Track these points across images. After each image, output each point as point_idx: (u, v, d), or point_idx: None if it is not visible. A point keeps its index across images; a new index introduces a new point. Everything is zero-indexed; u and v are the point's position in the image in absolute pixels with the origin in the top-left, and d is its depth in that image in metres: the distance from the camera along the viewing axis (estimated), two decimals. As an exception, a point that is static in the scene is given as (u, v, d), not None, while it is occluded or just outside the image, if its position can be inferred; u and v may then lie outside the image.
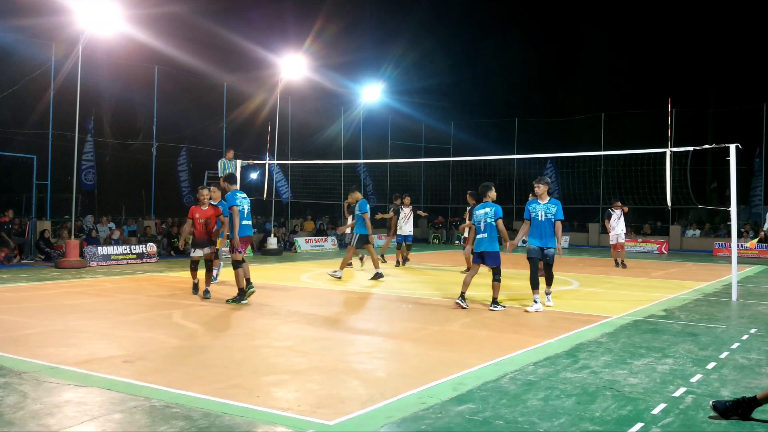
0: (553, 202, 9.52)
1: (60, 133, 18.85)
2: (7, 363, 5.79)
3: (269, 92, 24.43)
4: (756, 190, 27.65)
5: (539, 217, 9.38)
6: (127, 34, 17.99)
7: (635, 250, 25.01)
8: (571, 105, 33.92)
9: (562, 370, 5.89)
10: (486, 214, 9.21)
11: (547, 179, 9.96)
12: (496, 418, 4.52)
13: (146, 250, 17.03)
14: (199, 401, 4.76)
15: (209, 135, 25.05)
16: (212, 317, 8.47)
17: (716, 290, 12.39)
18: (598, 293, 11.91)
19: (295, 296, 10.87)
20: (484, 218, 9.21)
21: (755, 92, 28.98)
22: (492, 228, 9.17)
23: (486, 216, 9.20)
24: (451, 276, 14.48)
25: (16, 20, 19.02)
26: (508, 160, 26.63)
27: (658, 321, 8.69)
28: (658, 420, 4.54)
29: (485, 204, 9.35)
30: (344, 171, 27.57)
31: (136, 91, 23.85)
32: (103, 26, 15.86)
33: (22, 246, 16.41)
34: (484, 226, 9.21)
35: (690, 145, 12.27)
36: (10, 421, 4.31)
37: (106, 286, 11.80)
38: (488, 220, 9.17)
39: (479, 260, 9.34)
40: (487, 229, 9.18)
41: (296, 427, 4.29)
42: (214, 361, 6.05)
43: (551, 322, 8.43)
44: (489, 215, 9.20)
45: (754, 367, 6.14)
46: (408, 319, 8.73)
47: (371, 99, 28.47)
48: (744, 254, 21.92)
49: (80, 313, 8.62)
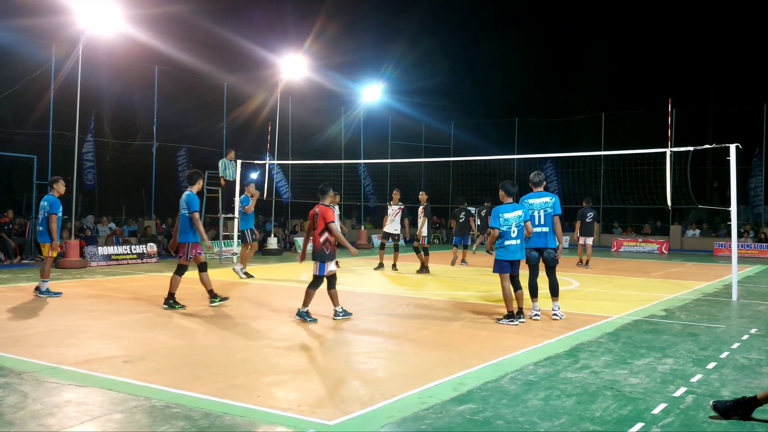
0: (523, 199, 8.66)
1: (60, 133, 18.85)
2: (8, 363, 5.79)
3: (269, 92, 24.44)
4: (756, 190, 27.66)
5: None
6: (128, 34, 17.99)
7: (635, 250, 25.01)
8: (571, 105, 33.91)
9: (562, 370, 5.89)
10: (519, 217, 8.18)
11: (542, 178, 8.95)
12: (497, 418, 4.52)
13: (146, 250, 17.03)
14: (199, 401, 4.76)
15: (209, 135, 25.07)
16: (212, 317, 8.47)
17: (716, 290, 12.39)
18: (599, 293, 11.91)
19: (295, 296, 10.85)
20: (516, 220, 8.15)
21: (755, 92, 29.01)
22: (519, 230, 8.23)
23: (518, 219, 8.16)
24: (451, 276, 14.48)
25: (17, 20, 19.03)
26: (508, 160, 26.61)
27: (659, 321, 8.69)
28: (658, 420, 4.54)
29: (514, 206, 8.30)
30: (344, 171, 27.57)
31: (136, 91, 23.88)
32: (103, 26, 15.86)
33: (22, 246, 16.41)
34: (516, 230, 8.16)
35: (690, 145, 12.27)
36: (10, 421, 4.30)
37: (107, 286, 11.79)
38: (520, 222, 8.15)
39: (509, 268, 8.26)
40: (520, 234, 8.19)
41: (296, 427, 4.29)
42: (214, 361, 6.05)
43: (551, 322, 8.42)
44: (528, 215, 8.31)
45: (754, 367, 6.14)
46: (408, 319, 8.73)
47: (371, 99, 28.47)
48: (744, 254, 21.93)
49: (80, 313, 8.62)
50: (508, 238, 8.17)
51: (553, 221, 8.54)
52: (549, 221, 8.53)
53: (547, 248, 8.54)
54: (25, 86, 19.01)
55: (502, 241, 8.20)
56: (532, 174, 8.91)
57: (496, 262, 8.27)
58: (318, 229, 8.10)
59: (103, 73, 21.52)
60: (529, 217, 8.36)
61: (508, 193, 8.37)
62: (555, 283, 8.69)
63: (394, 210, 15.01)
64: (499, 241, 8.24)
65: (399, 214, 15.00)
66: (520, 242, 8.22)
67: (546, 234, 8.54)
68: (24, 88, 19.05)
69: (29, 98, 19.74)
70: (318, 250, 8.16)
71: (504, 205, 8.34)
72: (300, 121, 26.98)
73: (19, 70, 18.93)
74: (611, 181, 27.58)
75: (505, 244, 8.18)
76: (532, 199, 8.68)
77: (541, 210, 8.56)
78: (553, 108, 36.10)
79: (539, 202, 8.60)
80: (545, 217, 8.54)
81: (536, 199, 8.64)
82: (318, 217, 8.12)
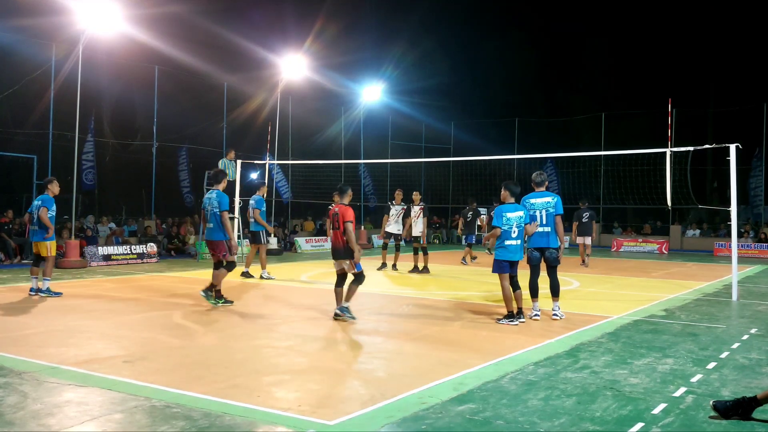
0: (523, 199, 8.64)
1: (60, 133, 18.85)
2: (8, 363, 5.79)
3: (269, 92, 24.44)
4: (756, 190, 27.67)
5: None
6: (127, 34, 17.98)
7: (635, 250, 25.01)
8: (571, 105, 33.92)
9: (562, 370, 5.89)
10: (521, 218, 8.22)
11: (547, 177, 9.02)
12: (497, 418, 4.52)
13: (146, 250, 17.03)
14: (199, 401, 4.76)
15: (209, 135, 25.06)
16: (212, 317, 8.47)
17: (716, 290, 12.40)
18: (599, 293, 11.91)
19: (295, 296, 10.87)
20: (517, 221, 8.19)
21: (755, 92, 29.01)
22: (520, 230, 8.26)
23: (520, 220, 8.19)
24: (451, 276, 14.49)
25: (16, 20, 19.02)
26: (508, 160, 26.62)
27: (659, 321, 8.69)
28: (658, 420, 4.54)
29: (516, 206, 8.34)
30: (344, 171, 27.58)
31: (136, 91, 23.87)
32: (103, 26, 15.86)
33: (22, 246, 16.41)
34: (517, 230, 8.17)
35: (690, 145, 12.28)
36: (10, 421, 4.30)
37: (106, 286, 11.80)
38: (521, 223, 8.18)
39: (508, 268, 8.26)
40: (520, 234, 8.18)
41: (296, 427, 4.29)
42: (214, 361, 6.05)
43: (551, 322, 8.42)
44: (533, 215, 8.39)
45: (754, 367, 6.14)
46: (408, 319, 8.73)
47: (371, 99, 28.47)
48: (744, 254, 21.93)
49: (80, 313, 8.62)
50: (508, 238, 8.15)
51: (555, 221, 8.51)
52: (551, 221, 8.52)
53: (549, 248, 8.51)
54: (25, 86, 19.00)
55: (502, 240, 8.18)
56: (534, 174, 8.89)
57: (496, 262, 8.26)
58: (341, 228, 8.21)
59: (103, 73, 21.52)
60: (529, 219, 8.34)
61: (511, 193, 8.36)
62: (556, 283, 8.68)
63: (397, 210, 14.91)
64: (499, 241, 8.23)
65: (401, 215, 14.91)
66: (520, 243, 8.21)
67: (548, 234, 8.52)
68: (24, 88, 19.04)
69: (29, 98, 19.73)
70: (346, 248, 8.23)
71: (506, 204, 8.33)
72: (300, 121, 26.98)
73: (19, 70, 18.92)
74: (611, 181, 27.59)
75: (506, 244, 8.17)
76: (534, 198, 8.66)
77: (543, 210, 8.53)
78: (553, 108, 36.11)
79: (541, 202, 8.58)
80: (547, 217, 8.52)
81: (538, 199, 8.62)
82: (339, 217, 8.25)
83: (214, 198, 9.47)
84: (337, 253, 8.34)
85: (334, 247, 8.35)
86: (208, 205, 9.57)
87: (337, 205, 8.41)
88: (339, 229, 8.23)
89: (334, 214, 8.34)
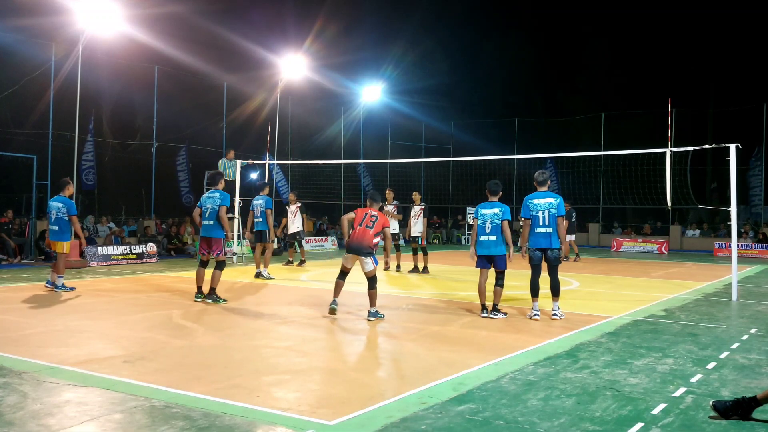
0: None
1: (60, 133, 18.84)
2: (7, 363, 5.79)
3: (269, 92, 24.45)
4: (756, 190, 27.67)
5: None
6: (127, 34, 17.99)
7: (635, 250, 25.01)
8: (571, 105, 33.94)
9: (562, 370, 5.89)
10: (495, 215, 8.53)
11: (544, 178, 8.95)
12: (496, 418, 4.52)
13: (146, 250, 17.02)
14: (199, 401, 4.76)
15: (209, 135, 25.07)
16: (212, 317, 8.47)
17: (716, 290, 12.39)
18: (598, 293, 11.91)
19: (295, 296, 10.86)
20: (492, 218, 8.51)
21: (755, 92, 29.02)
22: (498, 229, 8.52)
23: (494, 216, 8.51)
24: (451, 276, 14.48)
25: (16, 20, 19.02)
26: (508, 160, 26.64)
27: (659, 321, 8.69)
28: (658, 420, 4.54)
29: (493, 204, 8.63)
30: (344, 171, 27.58)
31: (136, 91, 23.86)
32: (103, 26, 15.87)
33: (22, 246, 16.41)
34: (490, 226, 8.51)
35: (690, 145, 12.28)
36: (10, 421, 4.30)
37: (106, 286, 11.79)
38: (496, 221, 8.51)
39: (482, 263, 8.63)
40: (494, 230, 8.50)
41: (296, 427, 4.29)
42: (214, 361, 6.05)
43: (551, 322, 8.42)
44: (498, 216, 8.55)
45: (754, 367, 6.14)
46: (408, 319, 8.73)
47: (371, 99, 28.47)
48: (744, 254, 21.93)
49: (80, 313, 8.62)
50: (482, 233, 8.57)
51: (557, 222, 8.52)
52: (553, 222, 8.53)
53: (551, 248, 8.53)
54: (24, 86, 19.00)
55: (478, 236, 8.63)
56: (536, 173, 8.89)
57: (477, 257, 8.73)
58: (375, 229, 8.55)
59: (103, 73, 21.51)
60: (507, 217, 8.57)
61: (490, 191, 8.78)
62: (557, 283, 8.68)
63: (389, 209, 14.74)
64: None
65: (395, 213, 14.78)
66: (496, 238, 8.49)
67: (550, 234, 8.53)
68: (24, 88, 19.04)
69: (29, 98, 19.72)
70: (373, 247, 8.58)
71: (486, 202, 8.75)
72: (300, 121, 26.99)
73: (19, 70, 18.92)
74: (611, 181, 27.61)
75: (480, 239, 8.59)
76: (536, 199, 8.65)
77: (546, 211, 8.53)
78: (553, 108, 36.13)
79: (544, 202, 8.57)
80: (549, 218, 8.52)
81: (540, 200, 8.61)
82: (377, 220, 8.61)
83: (217, 196, 9.65)
84: (358, 250, 8.50)
85: (359, 243, 8.49)
86: (209, 204, 9.67)
87: (375, 209, 8.84)
88: (371, 228, 8.52)
89: (368, 215, 8.65)
